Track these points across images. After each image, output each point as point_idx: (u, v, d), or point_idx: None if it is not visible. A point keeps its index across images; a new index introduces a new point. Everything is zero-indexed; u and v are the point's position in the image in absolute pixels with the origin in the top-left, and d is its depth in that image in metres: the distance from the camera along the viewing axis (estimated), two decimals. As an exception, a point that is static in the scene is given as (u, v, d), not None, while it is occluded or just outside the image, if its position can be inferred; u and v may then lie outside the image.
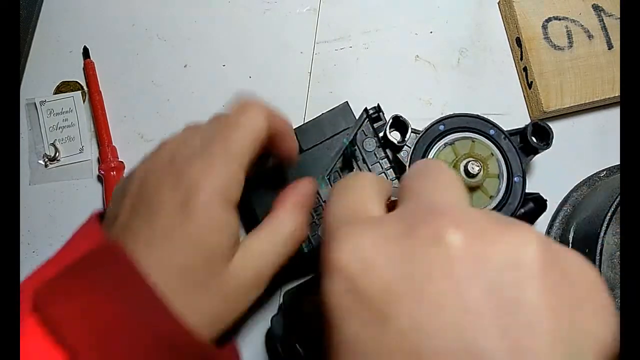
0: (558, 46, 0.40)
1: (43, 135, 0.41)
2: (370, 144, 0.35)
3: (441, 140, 0.36)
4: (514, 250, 0.17)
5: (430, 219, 0.18)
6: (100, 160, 0.40)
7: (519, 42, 0.41)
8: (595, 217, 0.34)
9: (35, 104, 0.41)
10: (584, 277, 0.17)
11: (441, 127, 0.36)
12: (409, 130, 0.35)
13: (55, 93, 0.42)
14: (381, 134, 0.36)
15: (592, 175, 0.39)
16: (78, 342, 0.21)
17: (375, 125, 0.36)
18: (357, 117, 0.36)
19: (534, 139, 0.35)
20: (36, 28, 0.43)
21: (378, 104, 0.36)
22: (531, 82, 0.40)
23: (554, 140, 0.41)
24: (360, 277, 0.17)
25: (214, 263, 0.24)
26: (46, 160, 0.40)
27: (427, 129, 0.36)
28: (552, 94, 0.39)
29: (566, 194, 0.40)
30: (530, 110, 0.41)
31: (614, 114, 0.41)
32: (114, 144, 0.40)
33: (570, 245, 0.36)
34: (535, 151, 0.36)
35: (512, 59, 0.42)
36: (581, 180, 0.39)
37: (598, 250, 0.31)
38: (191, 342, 0.22)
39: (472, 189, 0.34)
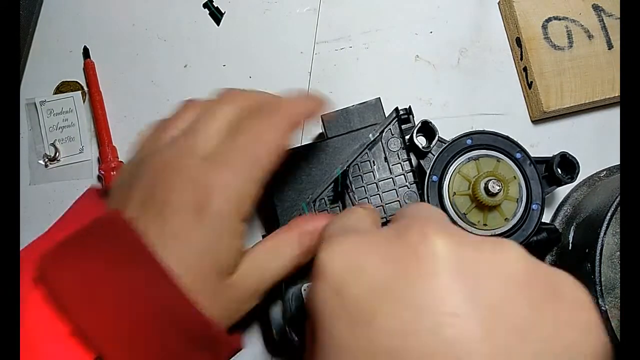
0: (558, 46, 0.40)
1: (43, 135, 0.41)
2: (395, 144, 0.35)
3: (466, 154, 0.35)
4: (501, 261, 0.17)
5: (417, 225, 0.18)
6: (100, 160, 0.40)
7: (519, 42, 0.41)
8: (595, 217, 0.34)
9: (35, 104, 0.41)
10: (573, 296, 0.17)
11: (468, 141, 0.35)
12: (436, 138, 0.35)
13: (55, 93, 0.42)
14: (407, 137, 0.36)
15: (592, 175, 0.39)
16: (79, 313, 0.21)
17: (403, 126, 0.36)
18: (386, 115, 0.36)
19: (559, 170, 0.35)
20: (36, 28, 0.43)
21: (410, 106, 0.36)
22: (531, 82, 0.40)
23: (553, 139, 0.41)
24: (347, 280, 0.18)
25: (220, 271, 0.24)
26: (46, 160, 0.40)
27: (453, 140, 0.35)
28: (552, 94, 0.39)
29: (566, 194, 0.40)
30: (530, 110, 0.41)
31: (614, 114, 0.41)
32: (114, 144, 0.40)
33: (570, 245, 0.36)
34: (558, 182, 0.35)
35: (512, 59, 0.42)
36: (581, 180, 0.39)
37: (598, 250, 0.31)
38: (198, 319, 0.22)
39: (488, 208, 0.34)
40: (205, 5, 0.43)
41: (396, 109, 0.35)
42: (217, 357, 0.24)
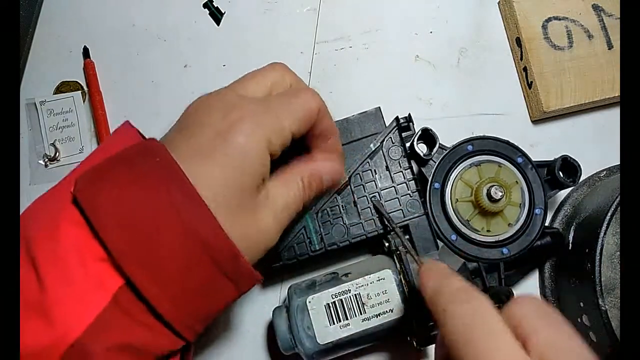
0: (558, 46, 0.40)
1: (43, 135, 0.41)
2: (396, 152, 0.35)
3: (467, 160, 0.35)
4: None
5: None
6: (100, 160, 0.40)
7: (519, 42, 0.41)
8: (595, 217, 0.34)
9: (35, 104, 0.41)
10: None
11: (469, 147, 0.35)
12: (437, 145, 0.35)
13: (55, 93, 0.42)
14: (408, 144, 0.35)
15: (592, 175, 0.39)
16: (111, 236, 0.21)
17: (404, 134, 0.35)
18: (386, 124, 0.35)
19: (561, 173, 0.35)
20: (36, 28, 0.43)
21: (409, 114, 0.36)
22: (531, 82, 0.40)
23: (553, 139, 0.41)
24: None
25: (242, 189, 0.24)
26: (46, 160, 0.40)
27: (455, 147, 0.35)
28: (552, 94, 0.39)
29: (566, 194, 0.40)
30: (530, 110, 0.41)
31: (614, 114, 0.41)
32: (114, 144, 0.40)
33: (570, 245, 0.36)
34: (560, 186, 0.35)
35: (512, 59, 0.42)
36: (581, 180, 0.39)
37: (598, 250, 0.31)
38: (227, 245, 0.23)
39: (492, 214, 0.34)
40: (205, 5, 0.43)
41: (396, 118, 0.35)
42: (238, 287, 0.24)
